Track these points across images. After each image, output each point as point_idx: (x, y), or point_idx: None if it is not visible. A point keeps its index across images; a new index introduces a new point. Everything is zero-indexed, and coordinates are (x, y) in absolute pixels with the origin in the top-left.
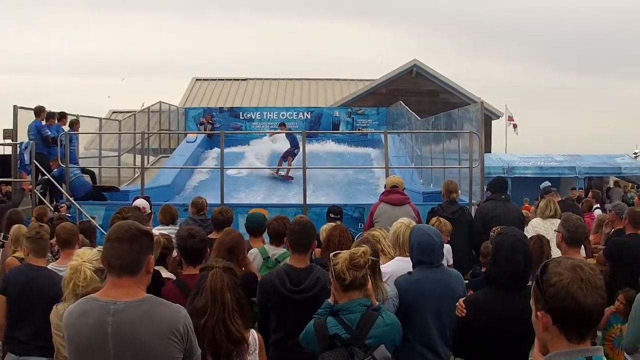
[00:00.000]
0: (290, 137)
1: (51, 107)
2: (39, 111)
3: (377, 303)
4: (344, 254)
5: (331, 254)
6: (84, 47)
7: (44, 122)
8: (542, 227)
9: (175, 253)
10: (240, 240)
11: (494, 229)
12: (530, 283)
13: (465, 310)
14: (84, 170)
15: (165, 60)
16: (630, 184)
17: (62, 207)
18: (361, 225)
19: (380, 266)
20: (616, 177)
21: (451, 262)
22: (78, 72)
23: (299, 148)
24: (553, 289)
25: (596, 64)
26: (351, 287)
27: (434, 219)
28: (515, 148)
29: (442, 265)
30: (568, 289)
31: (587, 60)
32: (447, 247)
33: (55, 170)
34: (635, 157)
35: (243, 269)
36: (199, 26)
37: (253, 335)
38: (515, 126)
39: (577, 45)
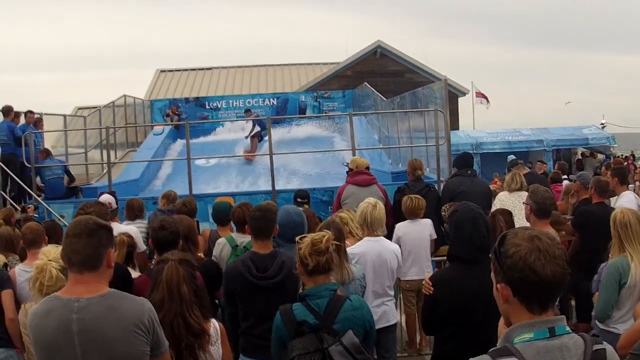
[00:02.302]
0: (257, 121)
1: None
2: (8, 111)
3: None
4: (308, 238)
5: (297, 238)
6: (41, 42)
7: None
8: (509, 200)
9: (144, 247)
10: (191, 225)
11: (444, 207)
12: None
13: (432, 288)
14: (67, 172)
15: (128, 53)
16: (598, 154)
17: (29, 207)
18: (331, 208)
19: (350, 247)
20: (584, 148)
21: (435, 236)
22: (37, 68)
23: (265, 129)
24: (511, 261)
25: (561, 39)
26: (315, 272)
27: (405, 198)
28: (484, 125)
29: None
30: (525, 259)
31: (552, 36)
32: (429, 222)
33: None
34: (603, 127)
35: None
36: (161, 17)
37: (214, 326)
38: (487, 100)
39: (542, 22)
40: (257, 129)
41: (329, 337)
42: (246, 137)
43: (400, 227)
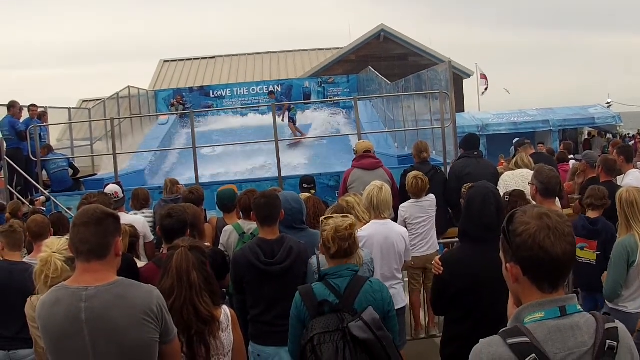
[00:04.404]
0: (280, 107)
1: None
2: (10, 106)
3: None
4: (332, 222)
5: (322, 217)
6: (43, 37)
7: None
8: (512, 181)
9: (152, 236)
10: (197, 213)
11: (465, 185)
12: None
13: (441, 268)
14: (71, 165)
15: (131, 45)
16: (605, 134)
17: (37, 200)
18: (337, 193)
19: (357, 231)
20: (590, 127)
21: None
22: (41, 63)
23: (291, 109)
24: (520, 239)
25: (564, 19)
26: (337, 256)
27: (411, 178)
28: (489, 107)
29: (305, 229)
30: (535, 238)
31: (555, 16)
32: (432, 197)
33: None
34: (608, 106)
35: (207, 244)
36: (163, 7)
37: (225, 312)
38: (486, 87)
39: (546, 3)
40: (287, 113)
41: (349, 317)
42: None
43: (405, 209)
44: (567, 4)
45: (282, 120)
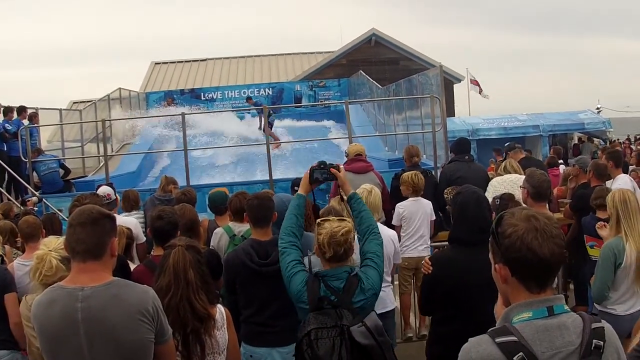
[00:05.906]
0: (259, 111)
1: (8, 101)
2: None
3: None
4: (328, 226)
5: (318, 220)
6: (34, 37)
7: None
8: (501, 185)
9: (144, 238)
10: (194, 216)
11: (446, 190)
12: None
13: (431, 267)
14: (62, 165)
15: (122, 46)
16: (595, 139)
17: (28, 201)
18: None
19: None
20: (580, 133)
21: (434, 217)
22: (30, 64)
23: (270, 114)
24: (508, 241)
25: (556, 24)
26: (332, 260)
27: (409, 174)
28: (479, 111)
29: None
30: (523, 239)
31: (547, 21)
32: (429, 202)
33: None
34: (598, 112)
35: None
36: (154, 8)
37: (220, 311)
38: (480, 90)
39: (536, 6)
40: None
41: (348, 314)
42: (260, 129)
43: (404, 207)
44: (559, 8)
45: (260, 128)
